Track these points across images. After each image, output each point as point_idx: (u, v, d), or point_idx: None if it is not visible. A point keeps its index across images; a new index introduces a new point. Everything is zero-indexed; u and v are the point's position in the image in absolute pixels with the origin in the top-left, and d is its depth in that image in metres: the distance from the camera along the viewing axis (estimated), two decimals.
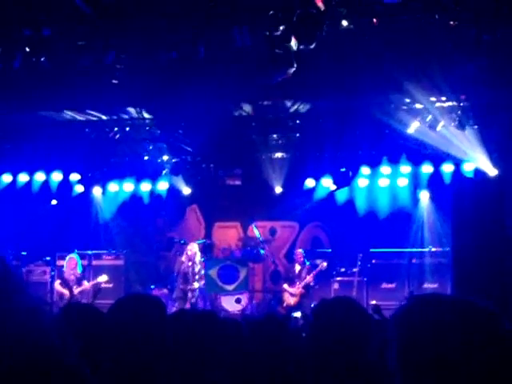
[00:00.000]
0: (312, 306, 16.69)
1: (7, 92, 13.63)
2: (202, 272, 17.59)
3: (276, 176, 18.93)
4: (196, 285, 17.13)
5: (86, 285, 17.12)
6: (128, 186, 19.39)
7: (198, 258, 17.37)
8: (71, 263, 17.16)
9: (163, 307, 3.87)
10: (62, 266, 17.34)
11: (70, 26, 11.36)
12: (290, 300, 17.38)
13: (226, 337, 5.19)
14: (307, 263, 17.58)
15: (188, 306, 16.70)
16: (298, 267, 17.61)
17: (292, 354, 5.08)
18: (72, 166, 18.68)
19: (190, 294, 16.99)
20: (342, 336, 3.83)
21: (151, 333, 3.57)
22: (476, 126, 15.04)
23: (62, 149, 17.60)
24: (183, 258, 17.20)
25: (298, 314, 15.30)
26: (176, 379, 3.91)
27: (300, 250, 18.05)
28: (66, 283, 16.93)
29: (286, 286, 17.58)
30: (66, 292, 16.81)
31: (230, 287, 19.31)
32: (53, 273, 18.22)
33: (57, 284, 17.17)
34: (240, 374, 4.91)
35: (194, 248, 17.39)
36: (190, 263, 17.06)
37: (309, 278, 17.30)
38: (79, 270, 17.21)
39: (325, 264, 17.38)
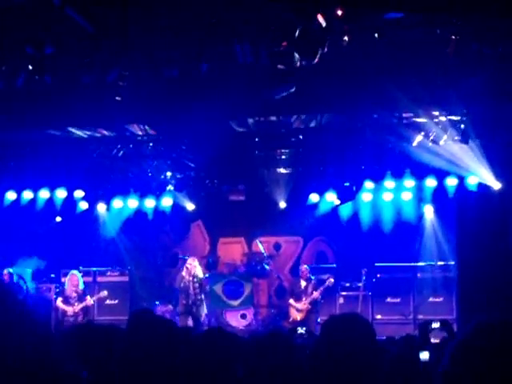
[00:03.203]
0: (319, 321, 16.68)
1: (11, 110, 13.68)
2: (207, 287, 17.55)
3: (280, 191, 18.94)
4: (198, 300, 17.06)
5: (89, 300, 17.09)
6: (132, 203, 19.40)
7: (199, 272, 17.31)
8: (73, 280, 17.15)
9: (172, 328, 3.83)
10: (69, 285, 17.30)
11: (72, 44, 11.41)
12: (297, 315, 17.31)
13: (232, 353, 5.19)
14: (312, 278, 17.54)
15: (190, 321, 16.67)
16: (303, 283, 17.53)
17: (296, 370, 5.07)
18: (76, 183, 18.70)
19: (194, 310, 16.94)
20: (350, 353, 3.82)
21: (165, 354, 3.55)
22: (479, 140, 15.03)
23: (65, 166, 17.64)
24: (184, 273, 17.15)
25: (302, 330, 15.22)
26: None
27: (305, 266, 17.97)
28: (67, 300, 16.93)
29: (292, 301, 17.50)
30: (67, 309, 16.80)
31: (235, 303, 19.31)
32: (57, 290, 18.21)
33: (59, 301, 17.16)
34: None
35: (193, 262, 17.34)
36: (190, 278, 17.01)
37: (316, 294, 17.23)
38: (81, 287, 17.19)
39: (332, 280, 17.30)
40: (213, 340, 5.01)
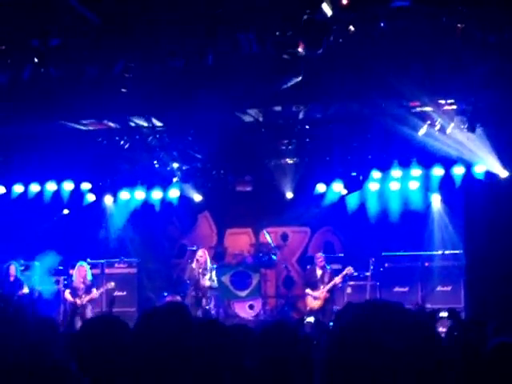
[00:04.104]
0: (335, 310, 16.67)
1: (17, 103, 13.69)
2: (214, 278, 17.55)
3: (287, 182, 18.91)
4: (208, 291, 17.09)
5: (95, 293, 17.11)
6: (139, 194, 19.41)
7: (209, 264, 17.33)
8: (81, 271, 17.18)
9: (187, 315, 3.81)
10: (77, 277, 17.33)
11: (77, 36, 11.40)
12: (314, 304, 17.17)
13: (237, 343, 5.19)
14: (328, 267, 17.49)
15: (200, 313, 16.69)
16: (319, 271, 17.45)
17: (302, 360, 5.08)
18: (83, 175, 18.73)
19: (204, 301, 16.96)
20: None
21: (177, 344, 3.54)
22: (486, 128, 14.99)
23: (72, 158, 17.63)
24: (193, 265, 17.16)
25: (310, 319, 15.20)
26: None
27: (321, 254, 17.88)
28: (74, 292, 16.96)
29: (308, 290, 17.37)
30: (75, 301, 16.83)
31: (243, 293, 19.34)
32: (65, 282, 18.24)
33: (66, 293, 17.21)
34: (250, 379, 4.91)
35: (204, 254, 17.35)
36: (200, 270, 17.03)
37: (337, 279, 17.15)
38: (89, 278, 17.23)
39: (351, 269, 17.25)
40: (219, 330, 5.02)
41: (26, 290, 17.42)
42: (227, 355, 4.76)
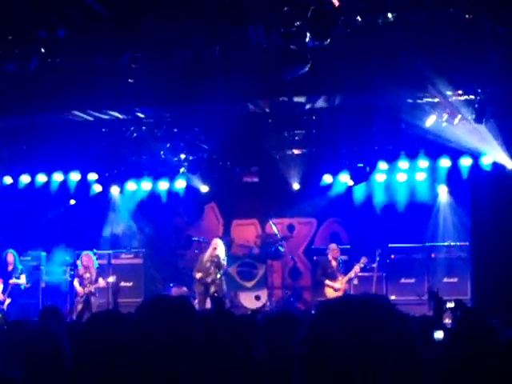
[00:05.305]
0: None
1: (24, 93, 13.69)
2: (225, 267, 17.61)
3: (293, 173, 18.90)
4: (217, 279, 17.20)
5: (101, 282, 17.12)
6: (146, 185, 19.42)
7: (222, 253, 17.48)
8: (84, 260, 17.21)
9: (190, 308, 3.80)
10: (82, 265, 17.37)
11: (84, 27, 11.38)
12: (335, 295, 16.98)
13: (242, 333, 5.21)
14: (341, 259, 17.45)
15: (209, 303, 16.73)
16: (334, 262, 17.37)
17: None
18: (89, 166, 18.74)
19: (212, 289, 17.05)
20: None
21: (179, 337, 3.53)
22: (493, 119, 14.94)
23: (79, 149, 17.65)
24: (209, 253, 17.29)
25: None
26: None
27: (335, 245, 17.80)
28: (81, 281, 17.00)
29: (328, 281, 17.29)
30: (81, 290, 16.87)
31: (249, 284, 19.37)
32: (72, 272, 18.27)
33: (75, 282, 17.23)
34: (255, 369, 4.92)
35: (220, 243, 17.53)
36: (215, 259, 17.17)
37: (356, 269, 17.07)
38: (95, 266, 17.26)
39: (366, 259, 17.17)
40: (228, 320, 5.03)
41: (22, 280, 17.47)
42: (236, 345, 4.77)
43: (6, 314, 15.35)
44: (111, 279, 17.62)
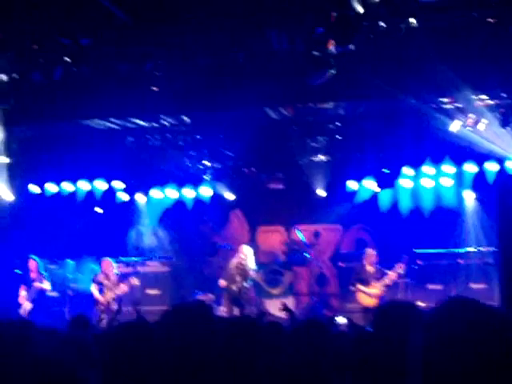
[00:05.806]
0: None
1: (49, 102, 13.77)
2: (253, 275, 17.59)
3: (318, 179, 18.86)
4: (247, 286, 17.20)
5: (122, 287, 17.01)
6: (171, 193, 19.47)
7: (253, 260, 17.48)
8: (105, 266, 17.20)
9: (208, 313, 3.79)
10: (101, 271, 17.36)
11: (107, 35, 11.46)
12: (368, 301, 16.92)
13: (267, 341, 5.18)
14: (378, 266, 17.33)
15: (236, 310, 16.74)
16: (370, 268, 17.24)
17: (332, 358, 5.05)
18: (115, 174, 18.83)
19: (239, 297, 17.05)
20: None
21: (197, 343, 3.51)
22: None
23: (104, 157, 17.75)
24: (237, 260, 17.30)
25: (341, 320, 14.92)
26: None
27: (373, 251, 17.66)
28: (100, 287, 16.96)
29: (361, 286, 17.20)
30: (100, 297, 16.80)
31: (276, 291, 19.35)
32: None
33: (93, 288, 17.17)
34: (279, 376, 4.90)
35: (248, 251, 17.53)
36: (241, 267, 17.16)
37: (393, 276, 16.88)
38: (115, 272, 17.25)
39: (402, 265, 17.05)
40: (253, 328, 5.00)
41: (46, 285, 17.43)
42: (261, 353, 4.75)
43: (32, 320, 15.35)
44: (133, 281, 17.33)
